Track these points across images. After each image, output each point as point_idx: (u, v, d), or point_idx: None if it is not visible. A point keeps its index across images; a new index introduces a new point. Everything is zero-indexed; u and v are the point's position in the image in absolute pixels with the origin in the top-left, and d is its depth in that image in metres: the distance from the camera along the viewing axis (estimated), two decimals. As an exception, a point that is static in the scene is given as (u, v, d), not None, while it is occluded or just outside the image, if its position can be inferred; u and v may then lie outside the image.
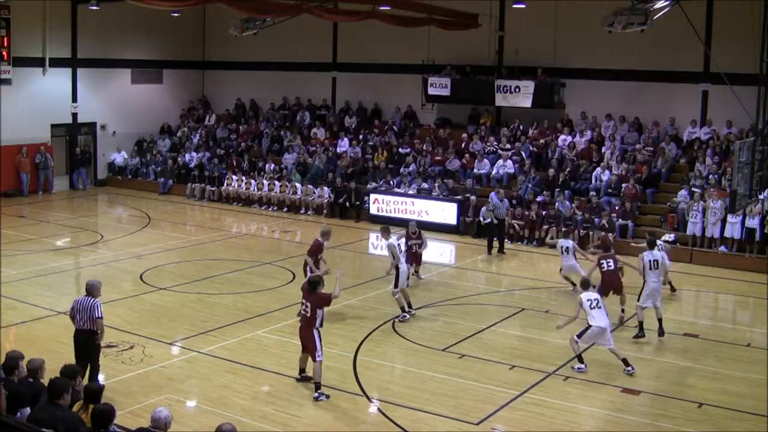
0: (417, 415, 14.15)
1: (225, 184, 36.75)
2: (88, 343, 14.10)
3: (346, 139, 37.28)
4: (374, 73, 38.76)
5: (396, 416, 14.07)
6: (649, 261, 18.90)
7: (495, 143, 33.73)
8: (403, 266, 20.46)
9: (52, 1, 37.33)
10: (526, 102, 32.97)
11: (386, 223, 29.76)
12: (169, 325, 19.27)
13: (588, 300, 16.41)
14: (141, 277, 23.60)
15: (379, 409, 14.54)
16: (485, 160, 32.99)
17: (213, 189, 37.14)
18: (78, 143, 40.27)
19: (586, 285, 17.11)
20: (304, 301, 15.44)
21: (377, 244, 29.75)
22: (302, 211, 34.28)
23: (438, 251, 28.65)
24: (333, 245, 27.51)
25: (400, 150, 35.47)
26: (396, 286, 20.18)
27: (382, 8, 30.41)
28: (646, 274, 18.86)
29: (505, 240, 28.65)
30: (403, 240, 22.62)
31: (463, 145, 34.53)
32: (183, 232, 31.11)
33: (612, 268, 19.87)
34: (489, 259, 27.66)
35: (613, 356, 16.59)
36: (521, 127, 34.37)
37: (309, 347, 15.21)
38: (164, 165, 39.71)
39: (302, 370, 15.74)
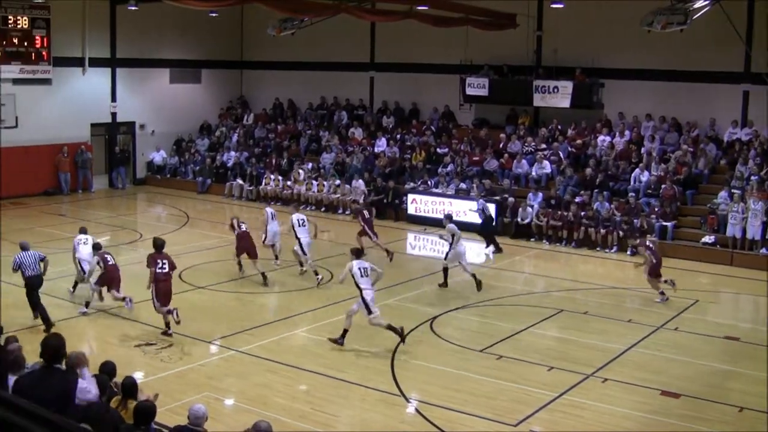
0: (454, 416, 14.15)
1: (263, 184, 36.87)
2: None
3: (383, 139, 37.30)
4: (412, 73, 38.75)
5: (433, 416, 14.07)
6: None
7: (533, 144, 33.62)
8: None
9: (91, 2, 37.63)
10: (565, 102, 32.85)
11: (423, 224, 29.94)
12: (207, 324, 19.39)
13: None
14: (180, 275, 23.70)
15: (416, 410, 14.55)
16: (523, 161, 32.89)
17: (251, 188, 37.28)
18: (117, 142, 40.60)
19: None
20: None
21: (415, 244, 29.79)
22: (339, 211, 34.34)
23: (476, 252, 28.59)
24: (369, 245, 27.53)
25: (438, 150, 35.43)
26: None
27: (419, 8, 30.40)
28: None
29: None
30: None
31: (501, 146, 34.43)
32: (221, 231, 31.17)
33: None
34: (520, 261, 27.63)
35: (652, 359, 16.50)
36: (559, 128, 34.22)
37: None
38: (203, 164, 39.91)
39: None
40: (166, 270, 18.57)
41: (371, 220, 27.12)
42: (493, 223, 29.24)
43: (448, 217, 24.34)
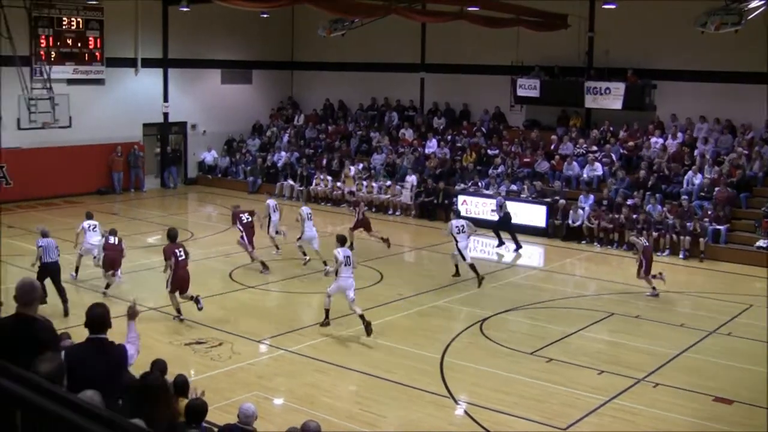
0: (503, 419, 14.08)
1: (313, 184, 36.97)
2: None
3: (434, 140, 37.24)
4: (462, 74, 38.64)
5: (482, 419, 14.02)
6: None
7: (584, 145, 33.40)
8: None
9: (143, 3, 37.97)
10: (617, 104, 32.60)
11: (475, 225, 29.83)
12: (257, 323, 19.49)
13: None
14: (230, 275, 23.88)
15: (465, 412, 14.52)
16: (574, 163, 32.68)
17: (301, 188, 37.39)
18: (169, 142, 40.94)
19: None
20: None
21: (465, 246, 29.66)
22: (390, 212, 34.34)
23: (526, 254, 28.47)
24: (421, 246, 27.62)
25: (489, 151, 35.31)
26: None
27: (470, 9, 30.32)
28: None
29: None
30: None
31: (552, 147, 34.25)
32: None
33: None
34: (571, 264, 27.47)
35: (704, 364, 16.30)
36: (611, 129, 33.95)
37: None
38: (253, 164, 40.10)
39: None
40: (183, 258, 19.41)
41: (364, 217, 27.71)
42: (511, 221, 28.85)
43: (455, 213, 25.98)
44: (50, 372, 6.03)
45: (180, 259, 19.29)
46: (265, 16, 39.75)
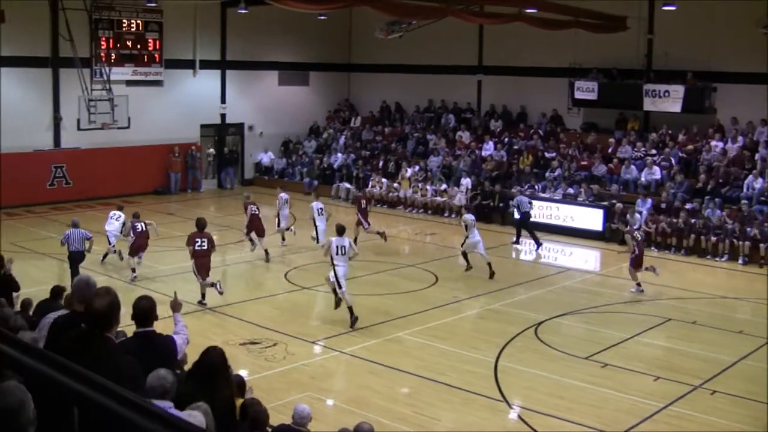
0: (557, 423, 13.98)
1: (369, 186, 36.99)
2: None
3: (491, 143, 37.10)
4: (520, 77, 38.45)
5: (535, 423, 13.93)
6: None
7: (643, 149, 33.07)
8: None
9: (202, 5, 38.27)
10: (676, 107, 32.24)
11: (536, 229, 29.66)
12: (311, 324, 19.58)
13: None
14: (285, 275, 23.96)
15: (519, 416, 14.43)
16: (632, 166, 32.36)
17: (354, 189, 37.42)
18: (226, 143, 41.23)
19: None
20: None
21: (521, 249, 29.53)
22: (446, 214, 34.25)
23: (582, 257, 28.27)
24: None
25: (546, 154, 35.11)
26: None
27: (528, 11, 30.17)
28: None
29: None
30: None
31: (609, 150, 33.96)
32: (327, 232, 31.39)
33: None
34: (627, 268, 27.20)
35: (763, 372, 16.06)
36: (669, 133, 33.57)
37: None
38: (310, 166, 40.24)
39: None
40: (205, 247, 20.64)
41: (366, 209, 28.50)
42: (530, 219, 29.42)
43: (467, 209, 27.53)
44: (103, 307, 6.11)
45: (198, 247, 20.55)
46: (322, 18, 39.85)
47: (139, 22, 36.61)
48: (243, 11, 33.74)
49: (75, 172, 34.51)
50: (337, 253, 19.35)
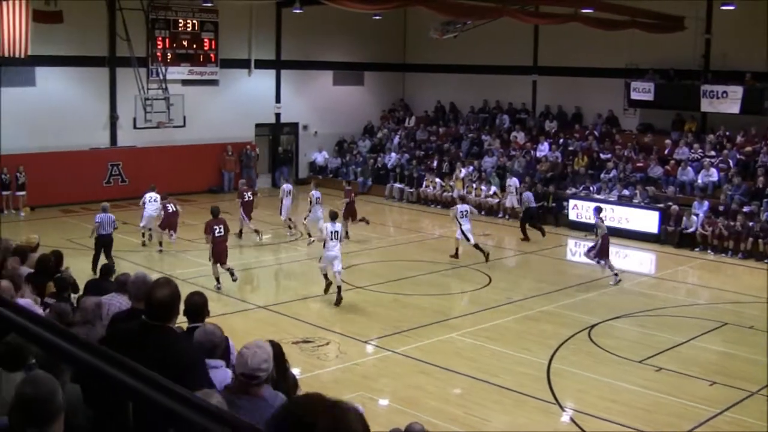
0: (609, 427, 13.84)
1: (423, 186, 36.93)
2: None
3: (546, 144, 36.88)
4: (575, 77, 38.14)
5: (588, 426, 13.83)
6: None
7: (700, 150, 32.67)
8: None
9: (257, 5, 38.45)
10: (734, 108, 31.77)
11: (585, 230, 29.46)
12: (364, 324, 19.57)
13: None
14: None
15: (571, 419, 14.32)
16: (689, 168, 31.98)
17: (411, 190, 37.39)
18: (281, 142, 41.40)
19: None
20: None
21: (575, 250, 29.34)
22: (500, 215, 34.07)
23: (638, 260, 28.03)
24: (529, 251, 27.41)
25: (601, 155, 34.81)
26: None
27: (584, 11, 29.95)
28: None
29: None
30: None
31: (666, 152, 33.58)
32: (381, 232, 31.43)
33: None
34: (683, 271, 26.91)
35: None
36: (727, 134, 33.13)
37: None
38: (364, 165, 40.27)
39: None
40: (223, 233, 21.68)
41: (354, 203, 29.66)
42: (533, 215, 30.37)
43: (461, 198, 28.42)
44: (165, 297, 6.13)
45: (217, 234, 21.52)
46: (377, 17, 39.85)
47: (195, 21, 36.93)
48: (298, 11, 33.88)
49: (131, 171, 34.82)
50: (331, 238, 20.69)
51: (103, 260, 20.67)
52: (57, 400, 5.14)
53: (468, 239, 25.56)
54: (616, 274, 23.77)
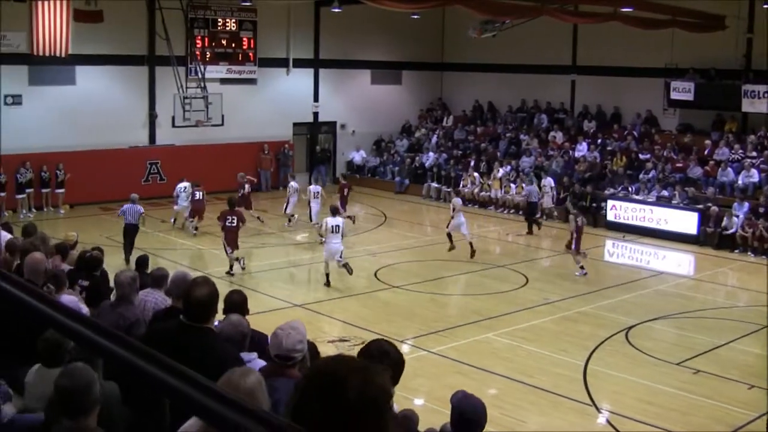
0: (646, 429, 13.76)
1: (461, 185, 36.84)
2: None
3: (584, 144, 36.68)
4: (614, 77, 37.89)
5: (624, 428, 13.76)
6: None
7: (740, 151, 32.38)
8: None
9: (296, 4, 38.54)
10: (776, 108, 31.50)
11: (623, 231, 29.33)
12: (400, 323, 19.56)
13: None
14: (375, 274, 24.01)
15: (607, 420, 14.25)
16: (729, 169, 31.70)
17: (449, 190, 37.32)
18: (318, 141, 41.48)
19: None
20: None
21: (613, 251, 29.21)
22: (537, 215, 33.85)
23: (676, 261, 27.84)
24: (566, 251, 27.24)
25: (640, 156, 34.57)
26: None
27: (624, 10, 29.78)
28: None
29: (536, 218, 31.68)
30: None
31: (705, 152, 33.31)
32: (418, 231, 31.45)
33: None
34: (723, 273, 26.71)
35: None
36: (769, 134, 32.84)
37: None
38: (401, 164, 40.27)
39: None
40: (234, 224, 22.82)
41: (347, 197, 30.65)
42: (535, 210, 31.65)
43: (457, 192, 29.03)
44: (203, 296, 6.14)
45: (229, 224, 22.75)
46: (415, 17, 39.80)
47: (233, 21, 37.11)
48: (336, 10, 33.93)
49: (169, 169, 34.99)
50: (332, 232, 21.98)
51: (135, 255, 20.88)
52: (93, 392, 5.19)
53: (464, 233, 26.29)
54: (582, 267, 24.36)
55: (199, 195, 28.60)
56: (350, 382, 2.49)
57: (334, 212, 23.06)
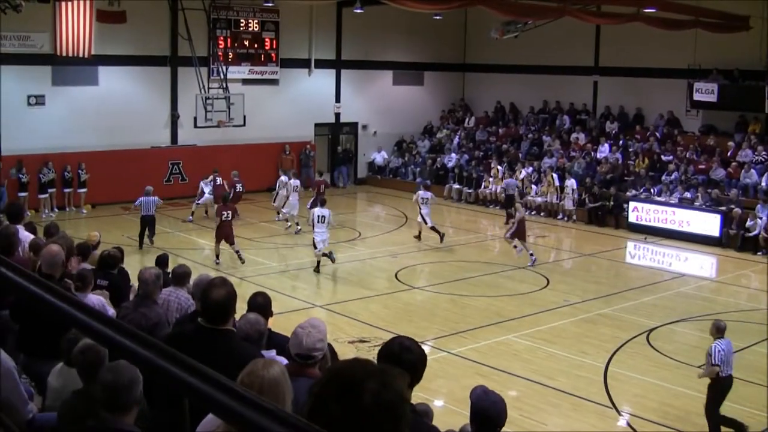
0: (667, 432, 13.72)
1: (482, 187, 36.80)
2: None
3: (606, 145, 36.55)
4: (637, 78, 37.75)
5: (644, 431, 13.68)
6: None
7: (764, 152, 32.21)
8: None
9: (318, 5, 38.58)
10: (800, 109, 31.32)
11: (645, 232, 29.24)
12: (421, 324, 19.55)
13: None
14: (396, 275, 24.01)
15: (628, 423, 14.22)
16: (752, 170, 31.54)
17: (470, 191, 37.30)
18: (340, 142, 41.51)
19: None
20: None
21: (635, 253, 29.11)
22: (559, 217, 33.82)
23: (698, 264, 27.72)
24: (588, 253, 27.24)
25: (663, 157, 34.43)
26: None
27: (646, 11, 29.68)
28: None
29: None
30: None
31: (729, 154, 33.14)
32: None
33: None
34: (745, 275, 26.53)
35: None
36: (792, 136, 32.65)
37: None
38: (423, 165, 40.25)
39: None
40: (230, 218, 24.06)
41: (323, 193, 29.72)
42: (512, 202, 30.83)
43: (425, 186, 29.48)
44: (221, 298, 6.16)
45: (224, 219, 23.81)
46: (437, 18, 39.75)
47: (256, 21, 37.20)
48: (359, 11, 33.92)
49: (191, 169, 35.09)
50: (318, 222, 23.51)
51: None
52: (136, 389, 5.23)
53: (426, 222, 27.63)
54: (531, 254, 25.34)
55: (219, 180, 30.78)
56: (367, 386, 2.49)
57: (322, 204, 24.50)
